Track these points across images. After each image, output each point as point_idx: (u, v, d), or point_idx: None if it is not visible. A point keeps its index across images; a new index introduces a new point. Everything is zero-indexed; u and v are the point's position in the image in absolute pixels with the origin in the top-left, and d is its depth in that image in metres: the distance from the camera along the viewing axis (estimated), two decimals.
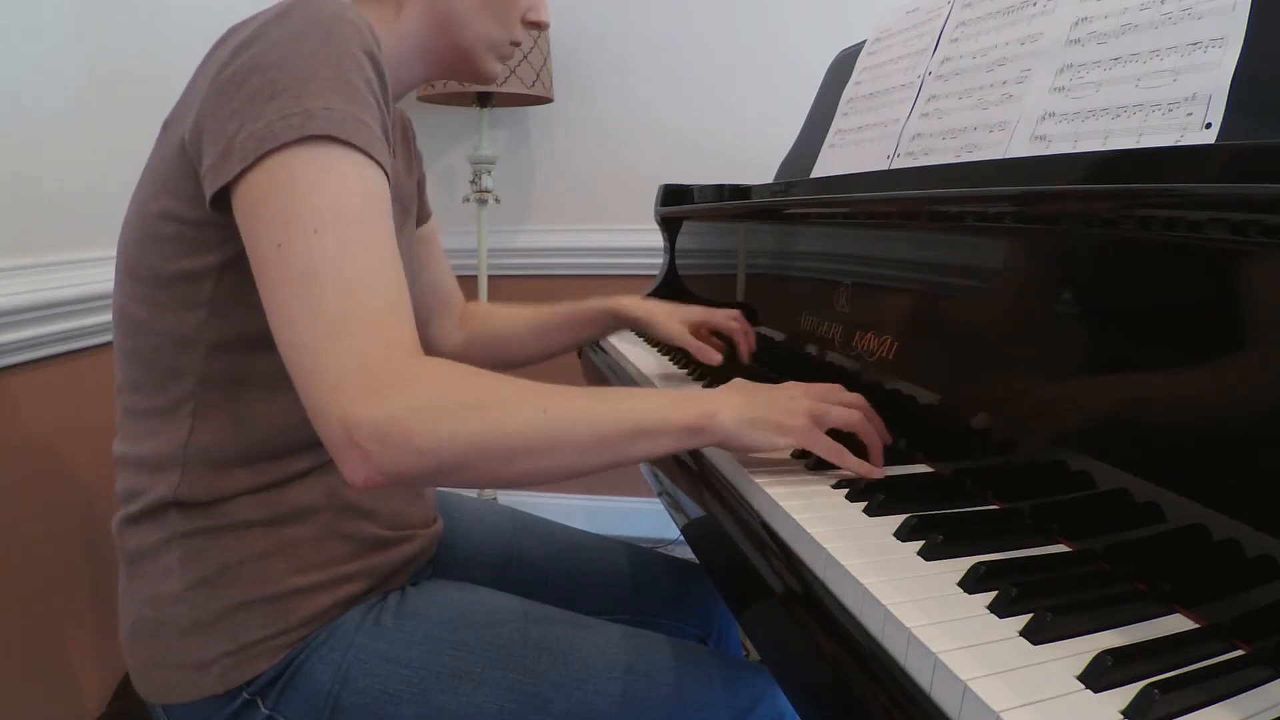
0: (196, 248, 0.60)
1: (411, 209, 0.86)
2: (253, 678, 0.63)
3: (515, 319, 1.03)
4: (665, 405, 0.58)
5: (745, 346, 0.95)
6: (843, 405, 0.63)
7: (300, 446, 0.66)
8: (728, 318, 0.96)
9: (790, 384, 0.64)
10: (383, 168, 0.57)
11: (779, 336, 0.97)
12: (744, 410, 0.59)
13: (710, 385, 0.83)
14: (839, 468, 0.62)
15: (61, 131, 1.07)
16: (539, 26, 0.79)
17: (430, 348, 0.92)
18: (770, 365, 0.96)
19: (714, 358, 0.87)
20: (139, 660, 0.65)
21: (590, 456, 0.55)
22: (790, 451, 0.67)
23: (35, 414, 1.03)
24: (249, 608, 0.63)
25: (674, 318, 0.94)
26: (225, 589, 0.63)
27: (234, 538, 0.63)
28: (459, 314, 1.03)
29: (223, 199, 0.56)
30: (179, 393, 0.63)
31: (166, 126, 0.63)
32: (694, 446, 0.60)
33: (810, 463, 0.65)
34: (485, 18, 0.74)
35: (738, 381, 0.64)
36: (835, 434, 0.62)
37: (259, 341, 0.61)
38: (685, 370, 1.01)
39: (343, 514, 0.68)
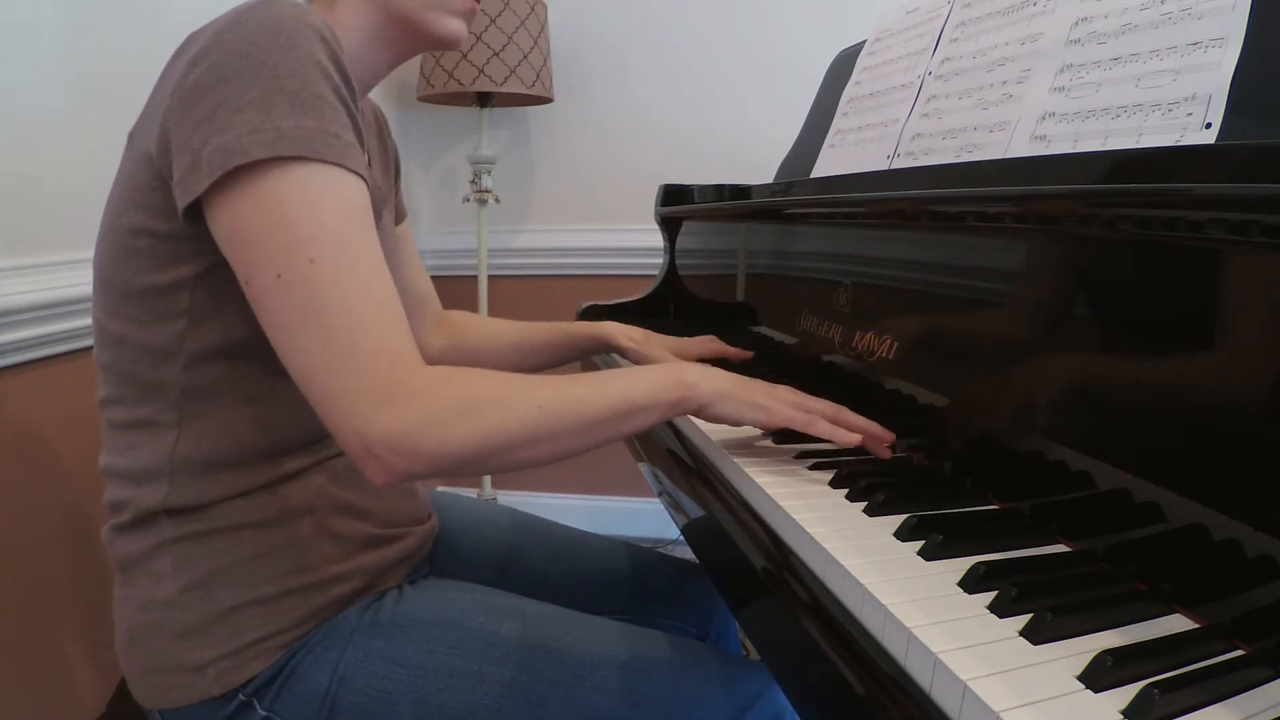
0: (169, 260, 0.59)
1: (389, 204, 0.84)
2: (249, 679, 0.63)
3: (498, 333, 1.01)
4: (651, 382, 0.63)
5: (735, 355, 0.98)
6: (816, 403, 0.67)
7: (288, 448, 0.66)
8: (707, 343, 0.99)
9: (763, 382, 0.68)
10: (360, 175, 0.57)
11: (779, 337, 0.97)
12: (724, 384, 0.65)
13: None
14: (838, 468, 0.63)
15: (61, 131, 1.06)
16: None
17: None
18: (770, 365, 0.96)
19: None
20: (135, 665, 0.65)
21: (586, 437, 0.60)
22: (788, 449, 0.67)
23: (36, 414, 1.03)
24: (243, 610, 0.63)
25: (663, 346, 0.96)
26: (218, 592, 0.63)
27: (225, 541, 0.63)
28: (435, 318, 1.01)
29: (194, 210, 0.56)
30: (161, 404, 0.62)
31: (132, 138, 0.62)
32: (678, 415, 0.65)
33: (812, 463, 0.66)
34: None
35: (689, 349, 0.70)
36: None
37: (239, 349, 0.61)
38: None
39: (334, 513, 0.68)
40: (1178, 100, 0.57)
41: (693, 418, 0.79)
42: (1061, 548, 0.51)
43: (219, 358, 0.62)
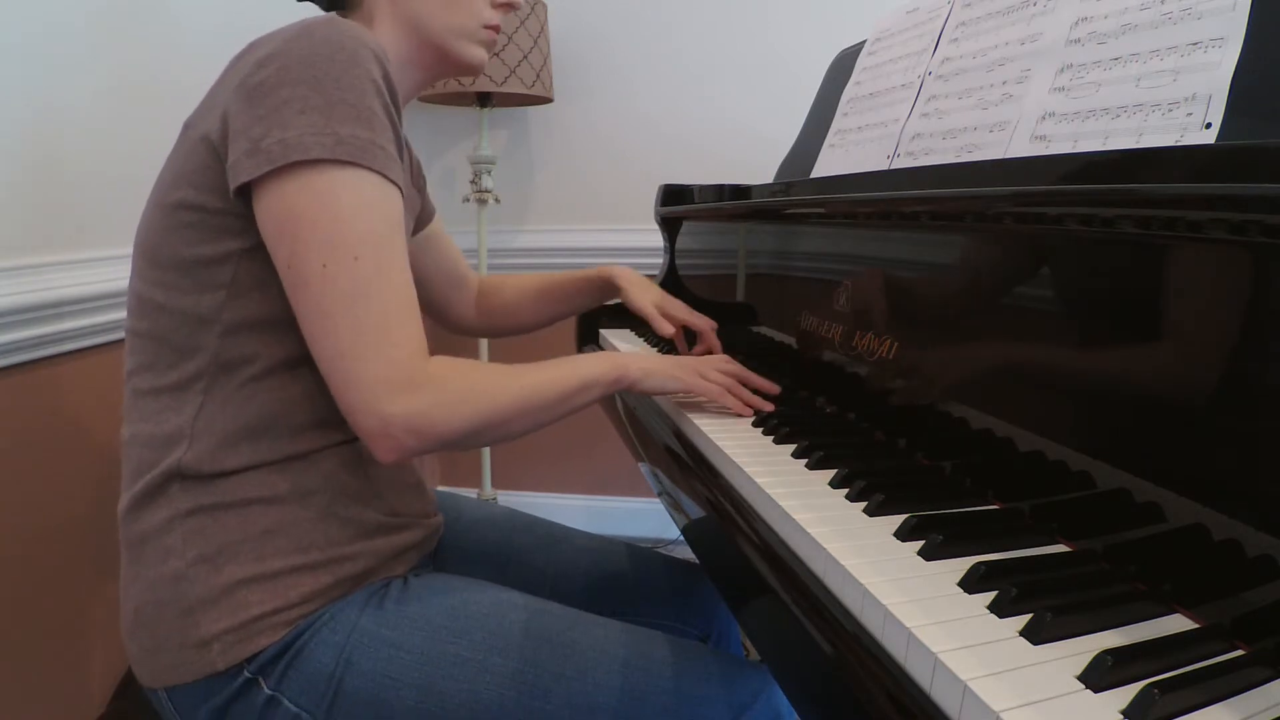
0: (218, 234, 0.64)
1: (413, 212, 0.90)
2: (254, 654, 0.63)
3: (524, 285, 1.13)
4: (596, 366, 0.75)
5: (701, 347, 1.02)
6: (719, 370, 0.83)
7: (304, 427, 0.68)
8: (697, 317, 1.03)
9: (689, 356, 0.86)
10: (398, 186, 0.64)
11: (779, 337, 0.97)
12: (647, 364, 0.78)
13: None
14: (838, 467, 0.63)
15: (84, 134, 1.08)
16: (510, 7, 0.82)
17: (453, 326, 1.11)
18: (770, 365, 0.96)
19: (666, 329, 1.00)
20: (141, 646, 0.66)
21: (554, 410, 0.71)
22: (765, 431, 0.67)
23: (45, 411, 1.04)
24: (249, 584, 0.64)
25: (648, 294, 1.05)
26: (225, 566, 0.64)
27: (235, 515, 0.65)
28: (474, 292, 1.11)
29: (243, 192, 0.61)
30: (191, 370, 0.66)
31: (187, 127, 0.67)
32: (617, 390, 0.77)
33: (811, 462, 0.66)
34: (449, 9, 0.77)
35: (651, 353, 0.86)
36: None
37: (272, 324, 0.65)
38: None
39: (342, 497, 0.70)
40: (1178, 100, 0.57)
41: (692, 417, 0.79)
42: (1061, 548, 0.51)
43: (253, 329, 0.65)
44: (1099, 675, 0.36)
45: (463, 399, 0.63)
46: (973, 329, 0.64)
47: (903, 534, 0.52)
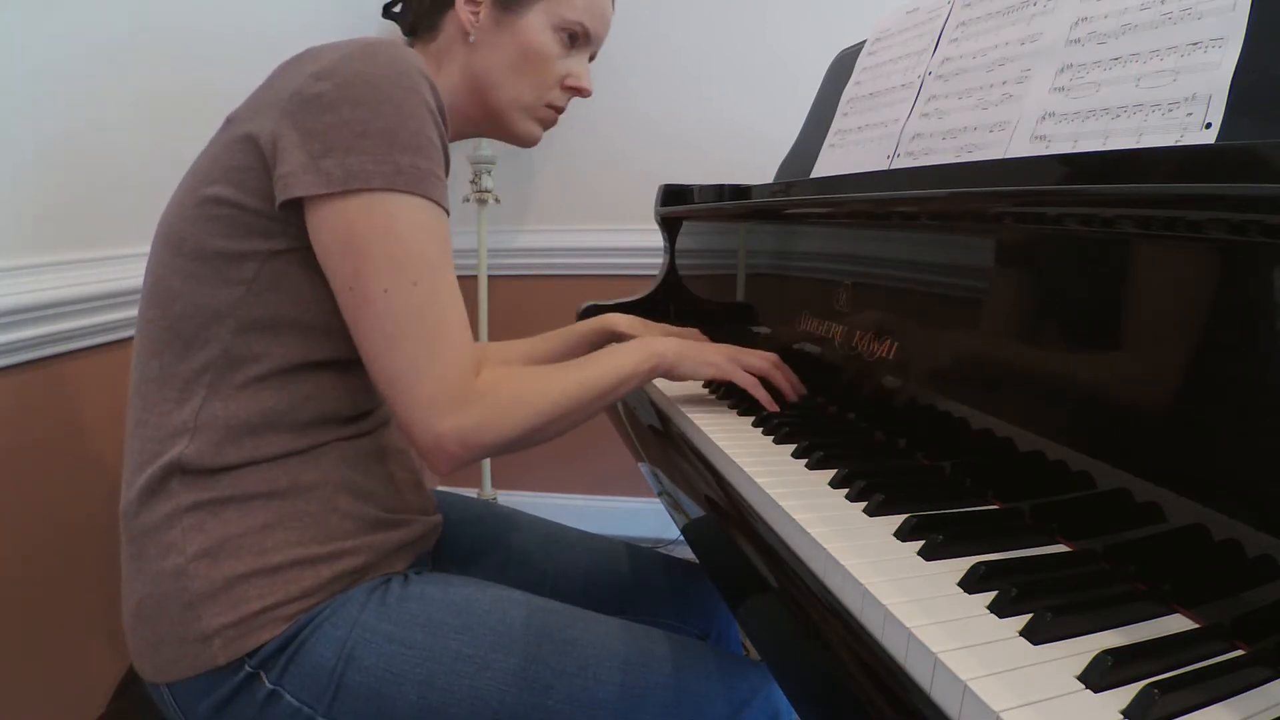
0: (248, 233, 0.65)
1: None
2: (255, 648, 0.64)
3: (510, 355, 1.03)
4: (632, 358, 0.77)
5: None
6: (756, 357, 0.83)
7: (306, 424, 0.68)
8: (693, 335, 1.00)
9: (721, 344, 0.85)
10: (448, 213, 0.67)
11: (779, 337, 0.97)
12: (681, 349, 0.80)
13: (735, 405, 0.87)
14: (839, 467, 0.63)
15: (86, 133, 1.09)
16: (580, 93, 0.84)
17: None
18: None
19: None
20: (142, 641, 0.66)
21: (594, 407, 0.73)
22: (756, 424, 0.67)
23: (47, 411, 1.04)
24: (249, 579, 0.64)
25: (659, 332, 0.98)
26: (226, 560, 0.64)
27: (235, 510, 0.65)
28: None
29: (290, 204, 0.63)
30: (199, 363, 0.66)
31: (230, 121, 0.69)
32: (654, 378, 0.80)
33: (811, 462, 0.66)
34: (517, 80, 0.80)
35: (675, 332, 0.86)
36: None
37: (285, 327, 0.66)
38: (707, 389, 0.97)
39: (342, 492, 0.70)
40: (1178, 100, 0.57)
41: (692, 417, 0.79)
42: (1061, 548, 0.51)
43: (264, 330, 0.66)
44: (1099, 675, 0.36)
45: (509, 411, 0.66)
46: (972, 329, 0.64)
47: (903, 534, 0.52)
